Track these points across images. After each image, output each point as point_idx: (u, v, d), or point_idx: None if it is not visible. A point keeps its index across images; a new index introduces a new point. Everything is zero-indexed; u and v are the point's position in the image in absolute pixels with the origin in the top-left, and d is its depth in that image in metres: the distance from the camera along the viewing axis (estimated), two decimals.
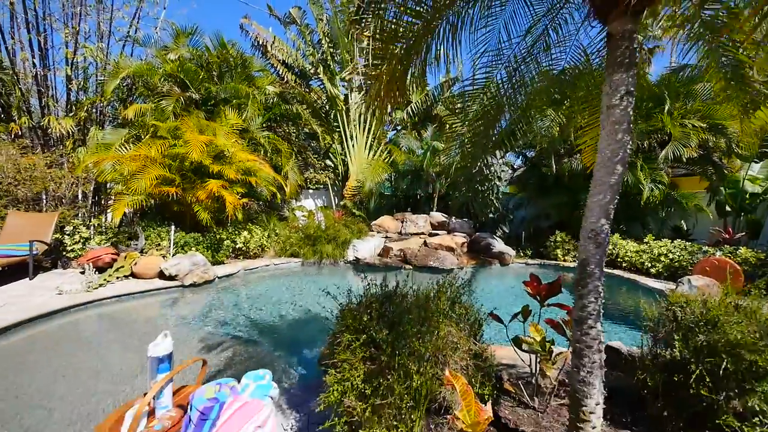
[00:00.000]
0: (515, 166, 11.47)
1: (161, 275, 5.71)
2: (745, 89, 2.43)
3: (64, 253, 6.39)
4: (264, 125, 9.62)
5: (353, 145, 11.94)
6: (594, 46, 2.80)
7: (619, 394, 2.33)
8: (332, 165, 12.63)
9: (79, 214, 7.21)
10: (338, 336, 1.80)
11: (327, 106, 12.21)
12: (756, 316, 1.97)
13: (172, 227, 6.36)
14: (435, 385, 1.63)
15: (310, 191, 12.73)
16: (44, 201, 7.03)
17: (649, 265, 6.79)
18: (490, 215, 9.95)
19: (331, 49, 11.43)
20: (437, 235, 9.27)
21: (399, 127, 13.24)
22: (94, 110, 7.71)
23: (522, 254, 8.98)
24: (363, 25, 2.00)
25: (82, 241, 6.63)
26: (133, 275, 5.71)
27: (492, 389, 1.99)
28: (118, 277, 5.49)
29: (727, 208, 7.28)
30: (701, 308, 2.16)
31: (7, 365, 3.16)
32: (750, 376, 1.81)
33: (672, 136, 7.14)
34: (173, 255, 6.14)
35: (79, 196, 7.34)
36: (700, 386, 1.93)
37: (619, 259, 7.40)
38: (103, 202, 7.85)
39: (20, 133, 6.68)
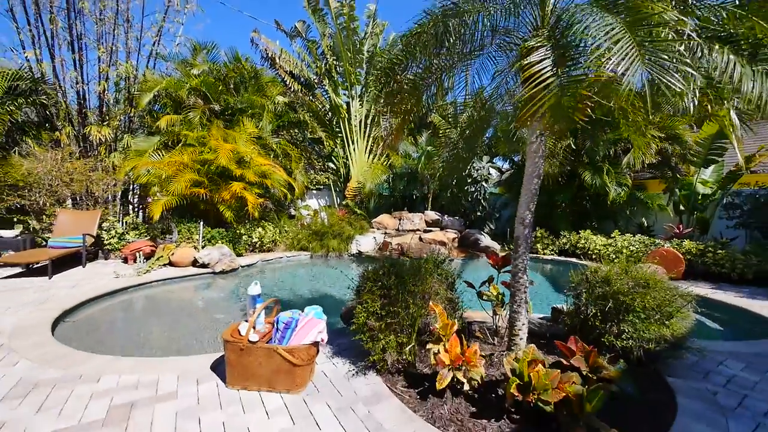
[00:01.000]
0: (503, 169, 12.55)
1: (194, 263, 6.69)
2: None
3: (104, 246, 7.34)
4: (273, 131, 10.59)
5: (354, 149, 12.94)
6: None
7: (554, 337, 3.36)
8: (334, 167, 13.63)
9: (113, 213, 8.16)
10: (362, 286, 2.82)
11: (330, 113, 13.20)
12: (632, 275, 3.00)
13: (201, 223, 7.33)
14: (423, 312, 2.65)
15: (314, 192, 13.70)
16: (82, 201, 7.96)
17: (614, 256, 7.86)
18: (479, 214, 11.01)
19: (335, 62, 12.41)
20: (431, 231, 10.31)
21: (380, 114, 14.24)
22: (125, 120, 8.66)
23: (507, 248, 10.01)
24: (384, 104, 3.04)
25: (117, 235, 7.59)
26: (171, 264, 6.68)
27: (461, 324, 3.02)
28: (159, 265, 6.46)
29: (681, 208, 8.38)
30: (602, 273, 3.19)
31: (125, 317, 4.29)
32: (623, 311, 2.84)
33: (633, 144, 8.21)
34: (203, 247, 7.11)
35: (112, 197, 8.28)
36: (595, 320, 2.97)
37: (589, 252, 8.47)
38: (132, 202, 8.80)
39: (68, 141, 7.61)
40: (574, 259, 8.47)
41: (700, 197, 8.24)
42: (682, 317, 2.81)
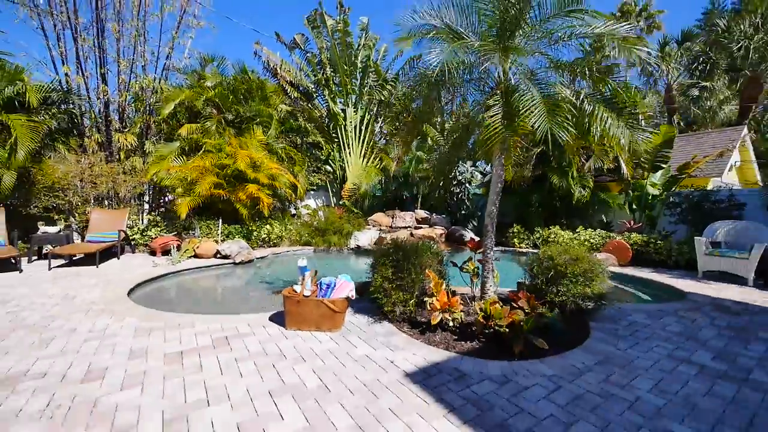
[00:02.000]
0: (485, 172, 13.84)
1: (216, 255, 7.67)
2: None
3: (130, 241, 8.22)
4: (276, 137, 11.57)
5: (350, 153, 14.03)
6: None
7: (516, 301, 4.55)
8: (331, 169, 14.67)
9: (136, 211, 9.03)
10: (377, 261, 3.94)
11: (327, 120, 14.25)
12: (568, 253, 4.20)
13: (220, 220, 8.31)
14: (421, 278, 3.79)
15: (311, 192, 14.71)
16: (105, 201, 8.80)
17: (583, 251, 9.20)
18: (463, 212, 12.26)
19: (332, 73, 13.47)
20: (421, 228, 11.48)
21: (388, 138, 15.40)
22: (143, 127, 9.52)
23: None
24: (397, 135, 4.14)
25: (139, 231, 8.48)
26: (195, 256, 7.63)
27: (448, 291, 4.18)
28: (187, 257, 7.41)
29: (634, 206, 9.79)
30: (549, 253, 4.39)
31: (178, 294, 5.25)
32: (560, 277, 4.04)
33: (594, 152, 9.58)
34: (223, 241, 8.08)
35: (134, 197, 9.15)
36: (543, 285, 4.16)
37: (544, 249, 9.78)
38: (151, 202, 9.67)
39: (96, 147, 8.44)
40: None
41: (650, 197, 9.65)
42: (600, 281, 4.03)
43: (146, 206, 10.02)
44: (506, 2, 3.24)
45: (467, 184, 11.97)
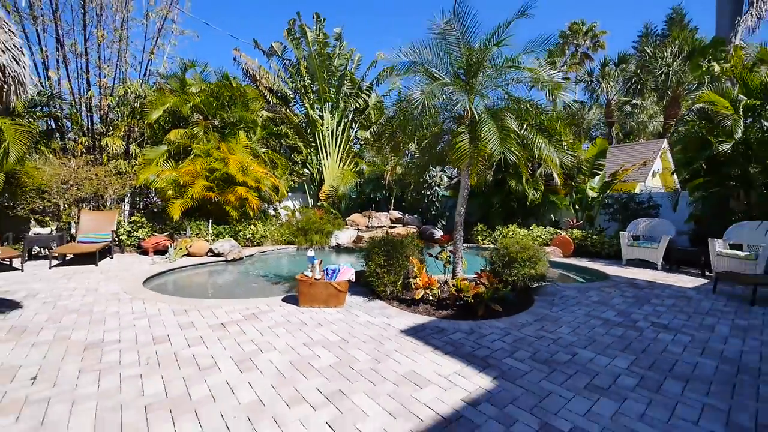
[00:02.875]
0: (452, 176, 15.16)
1: (208, 253, 8.20)
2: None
3: (120, 241, 8.51)
4: (259, 142, 12.11)
5: (327, 156, 14.78)
6: None
7: None
8: (309, 172, 15.33)
9: (120, 213, 9.25)
10: (370, 251, 4.86)
11: (305, 125, 14.91)
12: (519, 244, 5.37)
13: (210, 221, 8.81)
14: (406, 264, 4.77)
15: (289, 194, 15.28)
16: (90, 202, 8.98)
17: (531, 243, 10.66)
18: (433, 212, 13.46)
19: (309, 81, 14.17)
20: (395, 227, 12.51)
21: (364, 143, 16.31)
22: (127, 131, 9.75)
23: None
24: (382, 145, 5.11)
25: (125, 232, 8.79)
26: (188, 254, 8.11)
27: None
28: (181, 255, 7.89)
29: (577, 207, 11.46)
30: (504, 243, 5.54)
31: (186, 286, 5.79)
32: (512, 262, 5.18)
33: (543, 161, 11.10)
34: (214, 241, 8.61)
35: (119, 199, 9.38)
36: (499, 268, 5.30)
37: (501, 241, 11.21)
38: (137, 204, 9.90)
39: (83, 150, 8.62)
40: None
41: (589, 199, 11.34)
42: (542, 264, 5.23)
43: (127, 207, 10.20)
44: (470, 53, 4.31)
45: (437, 187, 13.16)
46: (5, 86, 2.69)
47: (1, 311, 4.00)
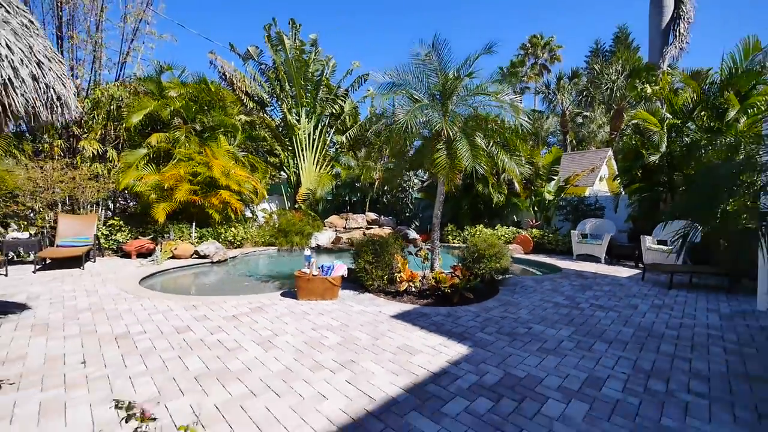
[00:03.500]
0: (423, 180, 16.06)
1: (193, 255, 8.41)
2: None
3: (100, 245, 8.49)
4: (238, 146, 12.30)
5: (303, 160, 15.14)
6: None
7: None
8: (286, 175, 15.61)
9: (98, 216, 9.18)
10: (359, 250, 5.49)
11: (282, 128, 15.18)
12: (486, 242, 6.22)
13: (194, 224, 9.01)
14: (391, 260, 5.44)
15: (266, 196, 15.46)
16: (65, 206, 8.85)
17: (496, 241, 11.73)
18: (407, 214, 14.26)
19: (288, 86, 14.49)
20: (371, 228, 13.15)
21: (339, 147, 16.82)
22: (102, 134, 9.66)
23: (428, 237, 13.42)
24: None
25: (103, 236, 8.79)
26: (173, 257, 8.29)
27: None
28: (166, 258, 8.06)
29: (535, 209, 12.73)
30: (473, 241, 6.37)
31: (181, 285, 6.06)
32: (481, 257, 6.02)
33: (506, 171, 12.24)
34: (198, 243, 8.81)
35: (96, 203, 9.30)
36: (470, 263, 6.11)
37: (470, 240, 12.26)
38: (114, 208, 9.83)
39: (60, 153, 8.49)
40: None
41: (546, 202, 12.63)
42: (506, 259, 6.11)
43: (103, 211, 10.07)
44: (446, 80, 5.09)
45: (410, 191, 13.98)
46: (56, 108, 3.03)
47: (11, 312, 4.21)
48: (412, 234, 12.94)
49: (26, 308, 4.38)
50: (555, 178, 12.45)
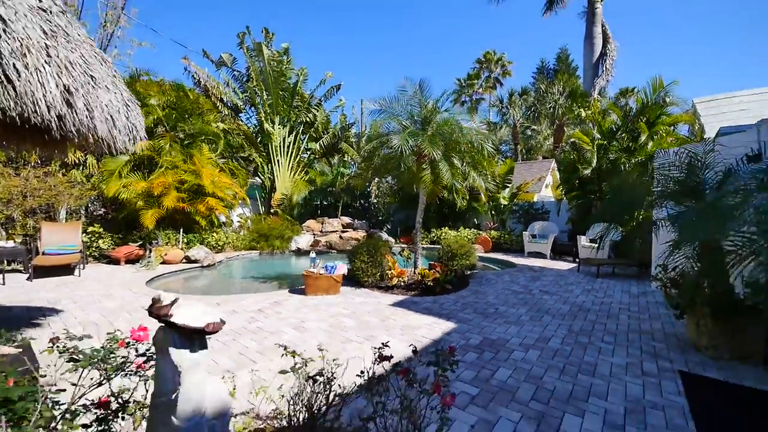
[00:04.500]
0: (392, 185, 17.22)
1: (186, 260, 8.78)
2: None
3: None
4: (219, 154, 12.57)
5: (278, 166, 15.62)
6: None
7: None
8: (260, 181, 15.96)
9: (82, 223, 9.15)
10: (355, 251, 6.43)
11: (257, 135, 15.54)
12: (458, 243, 7.45)
13: (181, 230, 9.34)
14: (382, 260, 6.46)
15: (240, 201, 15.70)
16: (41, 213, 8.76)
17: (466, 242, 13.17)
18: (379, 218, 15.32)
19: (264, 95, 14.91)
20: (347, 231, 14.03)
21: (313, 155, 17.46)
22: None
23: (397, 240, 14.59)
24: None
25: (83, 244, 8.86)
26: (164, 262, 8.60)
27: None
28: (157, 263, 8.36)
29: (493, 213, 14.42)
30: (447, 242, 7.58)
31: (185, 288, 6.55)
32: (454, 256, 7.23)
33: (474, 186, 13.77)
34: (187, 248, 9.17)
35: (76, 210, 9.26)
36: (446, 262, 7.30)
37: (443, 241, 13.65)
38: (91, 215, 9.79)
39: (37, 161, 8.41)
40: (438, 245, 13.49)
41: (502, 207, 14.36)
42: (473, 257, 7.38)
43: (82, 218, 9.97)
44: (427, 112, 6.24)
45: (381, 197, 15.06)
46: (131, 137, 3.60)
47: (49, 315, 4.62)
48: (384, 236, 14.01)
49: (62, 311, 4.78)
50: (509, 185, 14.21)
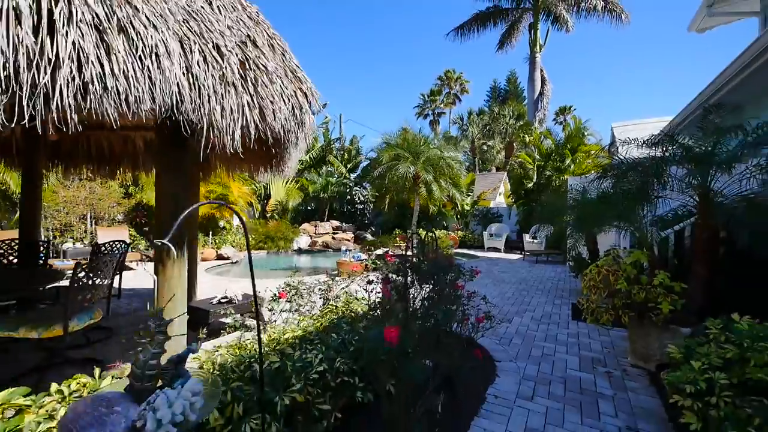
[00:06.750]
0: (377, 193, 19.73)
1: (218, 257, 10.61)
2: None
3: None
4: None
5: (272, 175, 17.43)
6: None
7: None
8: (255, 188, 17.65)
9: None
10: (371, 245, 8.86)
11: None
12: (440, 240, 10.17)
13: (210, 233, 11.12)
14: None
15: (259, 208, 17.29)
16: (86, 219, 10.12)
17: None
18: (365, 222, 17.77)
19: None
20: (338, 233, 16.29)
21: (304, 165, 19.39)
22: None
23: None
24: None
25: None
26: (201, 260, 10.35)
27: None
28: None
29: (458, 217, 17.48)
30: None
31: (227, 274, 8.56)
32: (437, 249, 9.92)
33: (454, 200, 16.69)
34: (219, 248, 10.98)
35: (116, 216, 10.68)
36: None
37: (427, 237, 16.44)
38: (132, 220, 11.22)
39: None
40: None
41: (466, 212, 17.48)
42: (450, 251, 10.12)
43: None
44: (417, 148, 8.89)
45: (367, 203, 17.55)
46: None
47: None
48: (369, 237, 16.49)
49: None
50: (471, 194, 17.38)
